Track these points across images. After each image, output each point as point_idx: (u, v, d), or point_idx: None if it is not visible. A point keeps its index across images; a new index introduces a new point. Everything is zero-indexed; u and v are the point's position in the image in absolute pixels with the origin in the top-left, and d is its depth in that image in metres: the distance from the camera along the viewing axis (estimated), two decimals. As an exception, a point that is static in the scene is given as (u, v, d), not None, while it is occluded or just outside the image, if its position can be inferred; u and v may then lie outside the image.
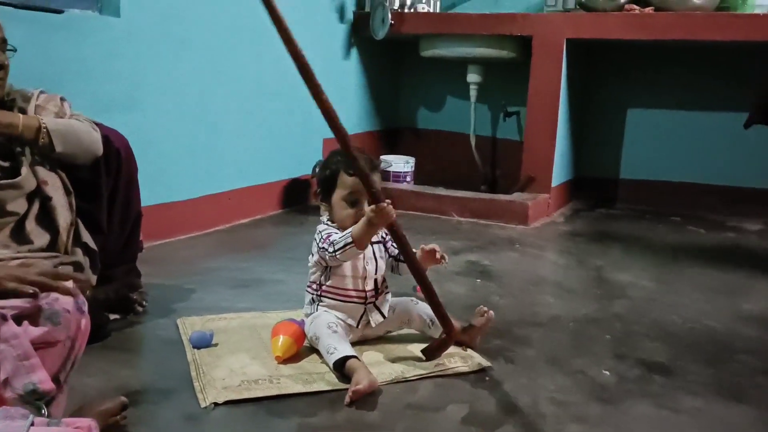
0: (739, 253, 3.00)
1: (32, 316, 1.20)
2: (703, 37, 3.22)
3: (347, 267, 1.72)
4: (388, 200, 1.58)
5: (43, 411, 1.14)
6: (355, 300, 1.74)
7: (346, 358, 1.57)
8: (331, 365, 1.60)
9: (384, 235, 1.80)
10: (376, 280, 1.77)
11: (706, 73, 3.68)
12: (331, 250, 1.65)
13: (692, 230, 3.39)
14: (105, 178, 1.79)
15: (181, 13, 2.70)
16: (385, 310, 1.79)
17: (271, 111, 3.27)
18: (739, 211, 3.63)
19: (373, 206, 1.58)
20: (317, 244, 1.71)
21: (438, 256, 1.72)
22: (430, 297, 1.70)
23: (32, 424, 1.01)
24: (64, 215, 1.62)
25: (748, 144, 3.61)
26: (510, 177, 3.87)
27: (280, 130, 3.36)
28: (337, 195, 1.73)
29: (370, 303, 1.76)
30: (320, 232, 1.72)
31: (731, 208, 3.66)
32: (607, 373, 1.71)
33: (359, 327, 1.75)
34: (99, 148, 1.71)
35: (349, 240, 1.61)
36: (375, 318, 1.77)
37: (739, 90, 3.60)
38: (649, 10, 3.41)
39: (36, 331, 1.18)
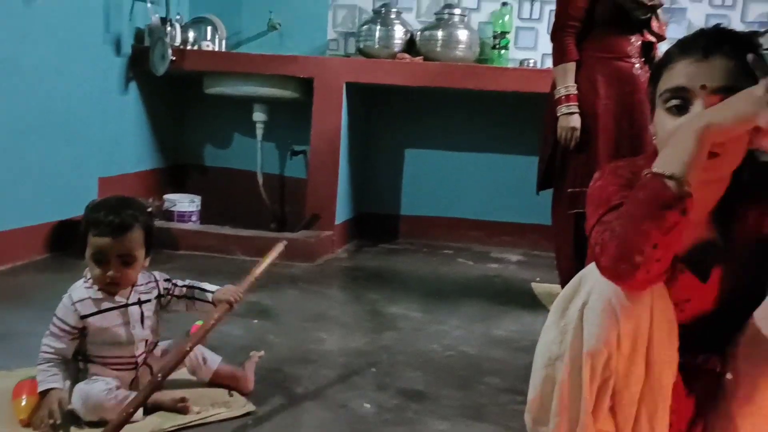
0: (498, 282, 3.31)
1: None
2: (463, 86, 3.56)
3: (108, 334, 1.61)
4: None
5: None
6: (125, 367, 1.64)
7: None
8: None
9: (162, 290, 1.72)
10: (146, 341, 1.67)
11: (474, 118, 4.06)
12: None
13: (462, 262, 3.68)
14: None
15: None
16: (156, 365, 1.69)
17: (30, 149, 3.01)
18: (502, 243, 4.03)
19: None
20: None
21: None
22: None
23: None
24: None
25: (509, 183, 4.02)
26: (299, 215, 3.93)
27: (42, 169, 3.09)
28: (87, 252, 1.61)
29: (142, 366, 1.67)
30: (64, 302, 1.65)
31: (495, 241, 4.05)
32: (368, 405, 1.79)
33: (131, 388, 1.65)
34: None
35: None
36: (147, 378, 1.66)
37: (502, 133, 4.02)
38: (419, 59, 3.71)
39: None
